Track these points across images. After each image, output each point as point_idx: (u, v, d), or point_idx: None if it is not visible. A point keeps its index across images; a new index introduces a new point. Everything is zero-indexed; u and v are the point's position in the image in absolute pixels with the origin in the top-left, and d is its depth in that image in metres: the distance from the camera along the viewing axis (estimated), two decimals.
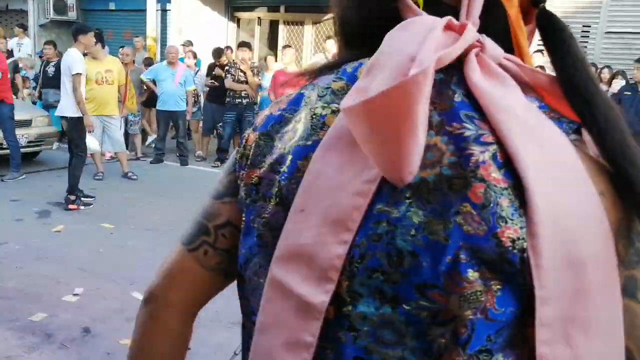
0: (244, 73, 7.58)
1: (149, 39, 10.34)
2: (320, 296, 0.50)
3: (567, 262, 0.47)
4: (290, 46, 8.30)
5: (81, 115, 5.42)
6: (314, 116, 0.58)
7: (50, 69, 8.03)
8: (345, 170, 0.51)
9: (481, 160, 0.48)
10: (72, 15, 12.39)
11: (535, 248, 0.46)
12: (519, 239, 0.47)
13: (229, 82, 7.58)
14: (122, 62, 7.37)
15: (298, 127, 0.58)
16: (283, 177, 0.56)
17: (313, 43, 10.05)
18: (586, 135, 0.52)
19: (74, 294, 3.44)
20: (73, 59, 5.40)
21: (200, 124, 8.47)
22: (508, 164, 0.48)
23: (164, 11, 10.87)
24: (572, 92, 0.52)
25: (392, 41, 0.51)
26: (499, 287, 0.48)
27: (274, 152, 0.59)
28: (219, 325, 3.14)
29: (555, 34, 0.56)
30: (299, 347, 0.52)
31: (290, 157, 0.57)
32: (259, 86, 8.00)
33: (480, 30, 0.54)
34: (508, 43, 0.56)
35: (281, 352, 0.53)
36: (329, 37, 8.95)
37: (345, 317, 0.51)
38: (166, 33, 10.77)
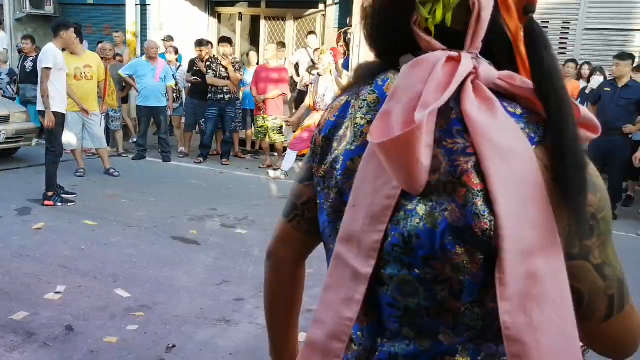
0: (226, 69, 7.53)
1: (128, 34, 10.20)
2: (365, 268, 0.72)
3: (521, 254, 0.63)
4: (284, 43, 8.35)
5: (58, 110, 5.33)
6: (355, 125, 0.78)
7: (28, 64, 7.87)
8: (379, 177, 0.71)
9: (465, 169, 0.66)
10: (49, 9, 12.14)
11: (498, 245, 0.63)
12: (487, 230, 0.64)
13: (210, 78, 7.53)
14: (102, 57, 7.27)
15: (347, 133, 0.79)
16: (338, 174, 0.77)
17: (295, 38, 10.02)
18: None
19: (56, 292, 3.40)
20: (45, 53, 5.31)
21: (183, 120, 8.40)
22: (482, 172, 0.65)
23: (143, 6, 10.73)
24: (542, 98, 0.68)
25: (405, 77, 0.69)
26: (481, 257, 0.66)
27: (332, 153, 0.80)
28: (204, 322, 3.13)
29: (534, 46, 0.72)
30: (352, 303, 0.73)
31: (342, 158, 0.78)
32: (241, 82, 7.96)
33: (484, 48, 0.70)
34: (510, 52, 0.72)
35: (340, 305, 0.74)
36: (310, 33, 8.94)
37: (380, 277, 0.73)
38: (146, 28, 10.63)
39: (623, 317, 0.72)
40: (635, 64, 6.23)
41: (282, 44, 8.34)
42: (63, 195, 5.41)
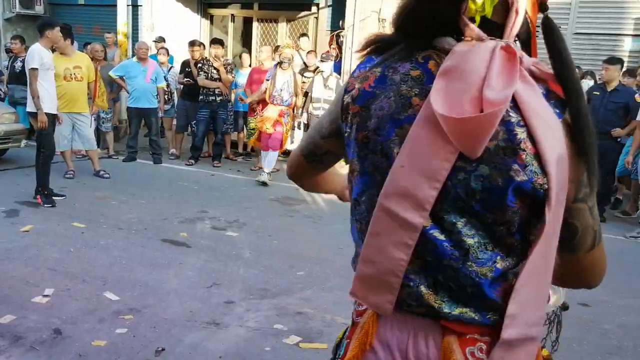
0: (217, 70, 7.51)
1: (119, 34, 10.14)
2: (418, 219, 0.87)
3: (560, 201, 0.85)
4: (289, 46, 8.35)
5: (48, 111, 5.27)
6: (402, 97, 0.90)
7: (18, 65, 7.80)
8: (434, 143, 0.84)
9: (522, 138, 0.83)
10: (39, 9, 12.05)
11: (549, 195, 0.83)
12: (543, 184, 0.84)
13: (202, 80, 7.50)
14: (92, 58, 7.22)
15: (391, 103, 0.90)
16: (383, 139, 0.91)
17: (287, 41, 10.01)
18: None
19: (44, 295, 3.36)
20: (31, 53, 5.27)
21: (174, 122, 8.36)
22: (534, 140, 0.83)
23: (135, 7, 10.67)
24: (562, 83, 0.88)
25: (464, 60, 0.85)
26: (530, 204, 0.86)
27: (373, 120, 0.92)
28: (194, 325, 3.10)
29: (552, 39, 0.91)
30: (403, 246, 0.89)
31: (387, 125, 0.90)
32: (233, 83, 7.94)
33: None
34: (528, 41, 0.95)
35: (390, 247, 0.90)
36: (302, 35, 8.94)
37: (439, 223, 0.89)
38: (138, 29, 10.58)
39: (599, 249, 0.95)
40: (624, 69, 6.30)
41: (277, 47, 8.31)
42: (54, 197, 5.37)
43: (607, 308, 3.70)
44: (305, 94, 7.79)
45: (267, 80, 6.89)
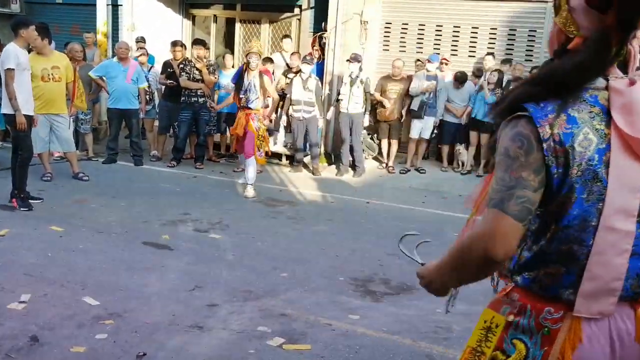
0: (200, 71, 7.44)
1: (99, 34, 9.99)
2: (631, 226, 1.14)
3: None
4: (271, 59, 8.29)
5: (24, 113, 5.15)
6: (597, 131, 1.13)
7: None
8: (633, 163, 1.12)
9: None
10: (15, 7, 11.81)
11: None
12: None
13: (184, 81, 7.42)
14: (70, 58, 7.09)
15: (591, 137, 1.12)
16: (597, 167, 1.12)
17: (270, 42, 9.98)
18: None
19: (20, 301, 3.27)
20: (5, 53, 5.15)
21: (156, 123, 8.26)
22: None
23: (115, 6, 10.52)
24: None
25: (631, 95, 1.12)
26: None
27: (583, 155, 1.12)
28: (176, 329, 3.06)
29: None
30: (624, 252, 1.15)
31: (596, 156, 1.12)
32: (215, 84, 7.88)
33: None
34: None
35: (615, 258, 1.14)
36: (285, 36, 8.91)
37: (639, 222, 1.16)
38: (118, 29, 10.43)
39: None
40: None
41: (269, 60, 8.22)
42: (30, 201, 5.26)
43: None
44: (284, 96, 7.78)
45: (233, 82, 6.44)
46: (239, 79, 6.12)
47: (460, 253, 1.20)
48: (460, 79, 7.60)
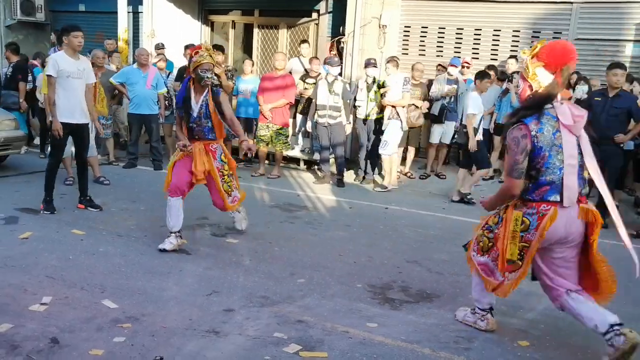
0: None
1: (120, 41, 10.15)
2: (575, 162, 2.83)
3: None
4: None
5: (65, 121, 5.19)
6: (552, 126, 2.77)
7: (9, 71, 7.87)
8: (573, 138, 2.81)
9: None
10: (40, 16, 12.09)
11: None
12: None
13: None
14: (94, 65, 7.21)
15: (550, 129, 2.76)
16: (555, 141, 2.77)
17: (288, 47, 10.02)
18: None
19: (42, 303, 3.32)
20: (48, 60, 5.26)
21: (174, 128, 8.33)
22: None
23: (135, 13, 10.69)
24: None
25: (563, 109, 2.79)
26: None
27: (547, 137, 2.75)
28: (193, 333, 3.06)
29: None
30: (578, 173, 2.83)
31: (553, 136, 2.76)
32: (234, 90, 7.93)
33: None
34: None
35: (575, 177, 2.81)
36: (303, 41, 8.93)
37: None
38: (139, 36, 10.59)
39: None
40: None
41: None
42: (89, 208, 5.43)
43: None
44: (309, 101, 7.73)
45: (179, 104, 4.59)
46: (184, 100, 4.47)
47: (500, 193, 2.94)
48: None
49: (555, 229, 2.78)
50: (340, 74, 7.88)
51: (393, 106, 7.05)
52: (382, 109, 7.24)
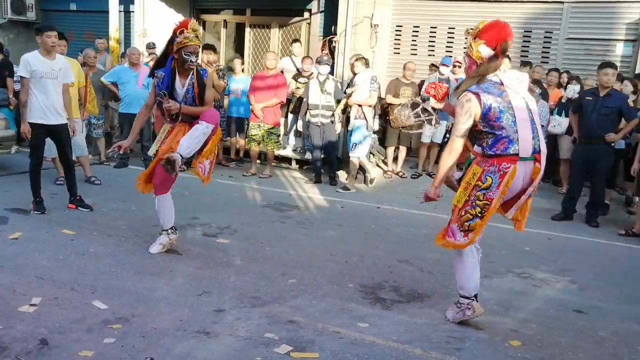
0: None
1: (112, 40, 10.09)
2: (528, 116, 3.16)
3: None
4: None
5: (37, 122, 5.13)
6: (499, 90, 3.09)
7: None
8: (520, 99, 3.15)
9: None
10: (30, 15, 12.00)
11: None
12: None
13: None
14: (85, 64, 7.18)
15: (496, 93, 3.08)
16: (508, 102, 3.08)
17: (279, 46, 10.01)
18: None
19: (31, 304, 3.29)
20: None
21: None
22: None
23: (127, 12, 10.63)
24: None
25: (509, 75, 3.18)
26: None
27: (496, 100, 3.05)
28: (183, 334, 3.05)
29: None
30: (530, 125, 3.15)
31: (499, 99, 3.07)
32: (226, 89, 7.90)
33: None
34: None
35: (529, 130, 3.12)
36: (295, 41, 8.92)
37: None
38: (130, 35, 10.53)
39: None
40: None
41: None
42: (80, 207, 5.38)
43: (602, 314, 3.68)
44: (300, 100, 7.72)
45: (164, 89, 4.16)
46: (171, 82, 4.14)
47: (445, 154, 3.16)
48: None
49: (514, 184, 3.06)
50: (332, 73, 7.88)
51: (360, 105, 7.01)
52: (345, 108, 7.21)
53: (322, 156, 7.46)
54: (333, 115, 7.20)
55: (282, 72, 8.07)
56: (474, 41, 3.07)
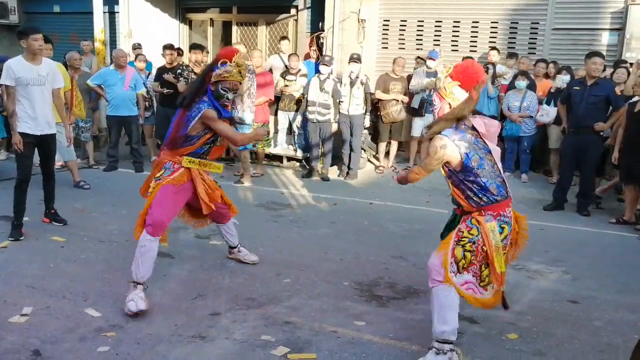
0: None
1: (97, 42, 9.97)
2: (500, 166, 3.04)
3: None
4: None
5: (28, 132, 4.75)
6: (473, 135, 2.86)
7: None
8: (496, 147, 2.97)
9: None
10: (13, 18, 11.84)
11: None
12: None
13: (182, 86, 7.38)
14: (71, 67, 7.08)
15: (471, 138, 2.84)
16: (484, 149, 2.88)
17: (267, 44, 9.95)
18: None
19: (22, 314, 3.24)
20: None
21: (155, 129, 8.23)
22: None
23: (112, 13, 10.51)
24: None
25: (485, 123, 2.93)
26: None
27: (472, 145, 2.83)
28: (178, 339, 3.02)
29: None
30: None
31: (476, 145, 2.85)
32: None
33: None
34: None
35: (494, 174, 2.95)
36: (283, 38, 8.86)
37: None
38: (116, 36, 10.42)
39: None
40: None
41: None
42: (54, 222, 5.11)
43: (597, 304, 3.70)
44: (299, 99, 7.74)
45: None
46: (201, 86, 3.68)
47: (409, 177, 3.04)
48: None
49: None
50: (332, 73, 7.89)
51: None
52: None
53: (318, 153, 7.61)
54: (330, 113, 7.42)
55: (270, 70, 8.02)
56: (446, 81, 2.85)
